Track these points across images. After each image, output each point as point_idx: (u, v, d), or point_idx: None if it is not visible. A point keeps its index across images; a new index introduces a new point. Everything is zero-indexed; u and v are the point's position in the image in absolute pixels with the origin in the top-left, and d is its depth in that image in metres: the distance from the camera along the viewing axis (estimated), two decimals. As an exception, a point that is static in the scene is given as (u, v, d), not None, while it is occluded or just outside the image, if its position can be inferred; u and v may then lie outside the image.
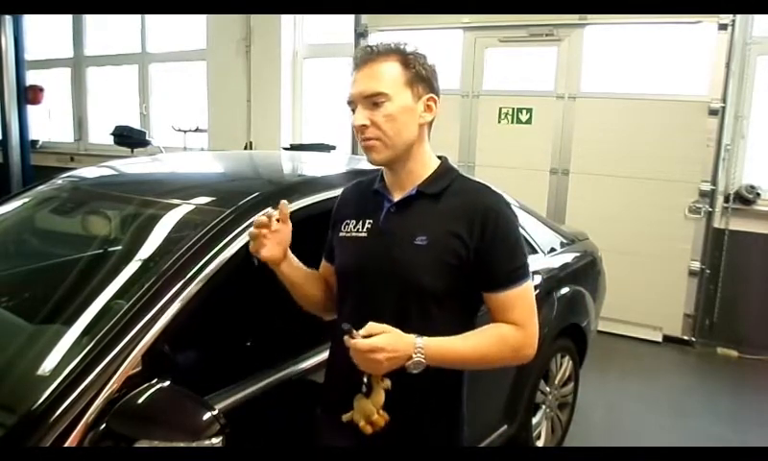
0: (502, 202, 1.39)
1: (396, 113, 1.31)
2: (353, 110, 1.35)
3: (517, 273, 1.34)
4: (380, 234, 1.38)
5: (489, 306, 1.37)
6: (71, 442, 1.20)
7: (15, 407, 1.27)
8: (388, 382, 1.28)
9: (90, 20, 7.07)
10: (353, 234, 1.42)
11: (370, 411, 1.30)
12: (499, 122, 4.73)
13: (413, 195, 1.38)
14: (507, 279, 1.33)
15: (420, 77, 1.35)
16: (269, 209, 1.40)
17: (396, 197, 1.39)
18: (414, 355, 1.24)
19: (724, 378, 3.96)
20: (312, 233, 2.19)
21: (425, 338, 1.27)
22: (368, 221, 1.41)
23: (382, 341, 1.22)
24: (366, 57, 1.33)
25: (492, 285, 1.34)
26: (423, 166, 1.39)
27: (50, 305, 1.69)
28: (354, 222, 1.43)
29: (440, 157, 1.44)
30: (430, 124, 1.39)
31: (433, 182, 1.39)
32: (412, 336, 1.26)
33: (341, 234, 1.45)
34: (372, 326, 1.24)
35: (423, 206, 1.37)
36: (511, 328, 1.33)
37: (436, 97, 1.38)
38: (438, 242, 1.32)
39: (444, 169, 1.42)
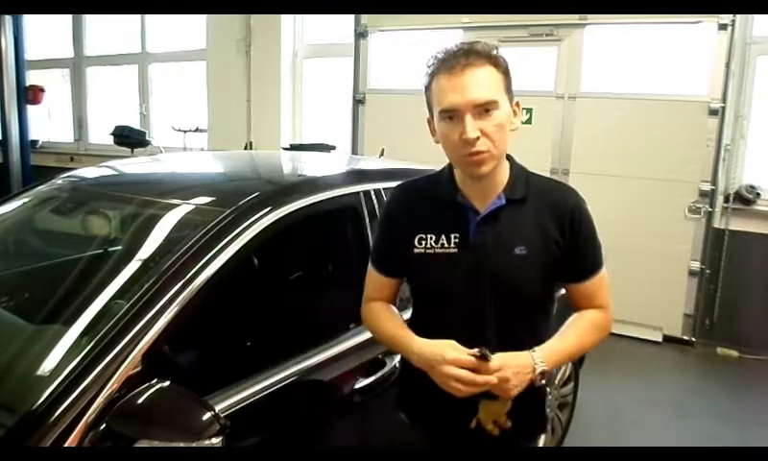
0: (581, 198, 1.40)
1: (503, 122, 1.27)
2: (449, 118, 1.25)
3: (600, 260, 1.41)
4: (473, 248, 1.32)
5: (573, 295, 1.42)
6: (71, 442, 1.20)
7: (15, 407, 1.27)
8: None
9: (90, 20, 7.07)
10: (438, 250, 1.34)
11: (498, 414, 1.31)
12: (499, 122, 4.73)
13: (503, 205, 1.33)
14: (592, 268, 1.39)
15: (510, 82, 1.31)
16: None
17: (480, 206, 1.34)
18: (536, 367, 1.26)
19: (724, 378, 3.96)
20: (312, 233, 2.20)
21: (539, 348, 1.29)
22: (453, 235, 1.33)
23: (503, 364, 1.23)
24: (462, 61, 1.23)
25: (580, 277, 1.39)
26: (504, 171, 1.36)
27: (50, 305, 1.68)
28: (434, 237, 1.34)
29: (506, 157, 1.38)
30: None
31: (515, 187, 1.36)
32: (525, 352, 1.27)
33: (418, 251, 1.35)
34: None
35: (512, 213, 1.34)
36: (597, 313, 1.40)
37: (519, 102, 1.34)
38: (537, 250, 1.32)
39: (518, 170, 1.39)
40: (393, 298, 1.49)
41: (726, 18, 4.05)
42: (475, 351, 1.23)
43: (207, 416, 1.22)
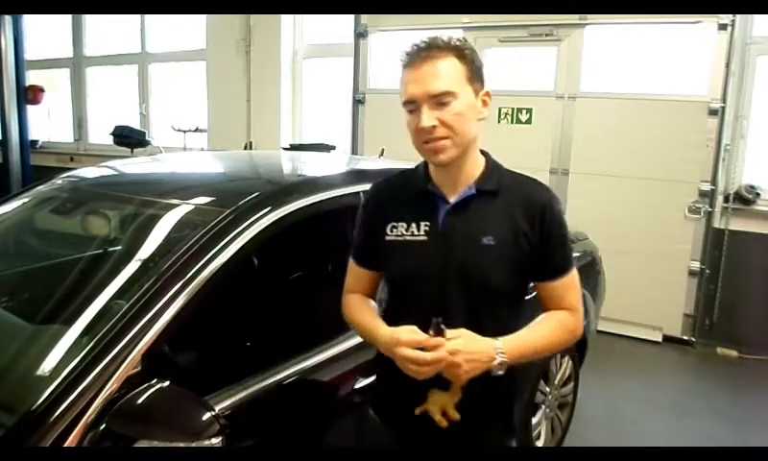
0: (553, 195, 1.40)
1: (463, 111, 1.28)
2: (411, 111, 1.29)
3: (570, 261, 1.41)
4: (442, 236, 1.34)
5: (543, 295, 1.42)
6: (71, 442, 1.20)
7: (15, 407, 1.27)
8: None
9: (90, 20, 7.07)
10: (408, 238, 1.35)
11: (446, 405, 1.31)
12: (499, 122, 4.72)
13: (473, 194, 1.35)
14: (562, 267, 1.38)
15: (477, 72, 1.33)
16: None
17: (451, 196, 1.35)
18: (497, 357, 1.26)
19: (724, 378, 3.96)
20: (312, 233, 2.19)
21: (502, 338, 1.29)
22: (423, 223, 1.35)
23: (458, 344, 1.23)
24: (423, 54, 1.27)
25: (549, 275, 1.38)
26: (475, 163, 1.38)
27: (50, 305, 1.69)
28: (405, 224, 1.36)
29: (482, 152, 1.41)
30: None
31: (488, 179, 1.37)
32: (489, 339, 1.28)
33: (389, 238, 1.37)
34: (447, 332, 1.24)
35: (483, 204, 1.35)
36: (566, 314, 1.39)
37: (490, 92, 1.35)
38: (505, 241, 1.32)
39: (493, 165, 1.41)
40: (371, 291, 1.50)
41: (726, 18, 4.05)
42: (431, 330, 1.24)
43: (207, 416, 1.22)
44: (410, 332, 1.26)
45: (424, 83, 1.26)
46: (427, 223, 1.35)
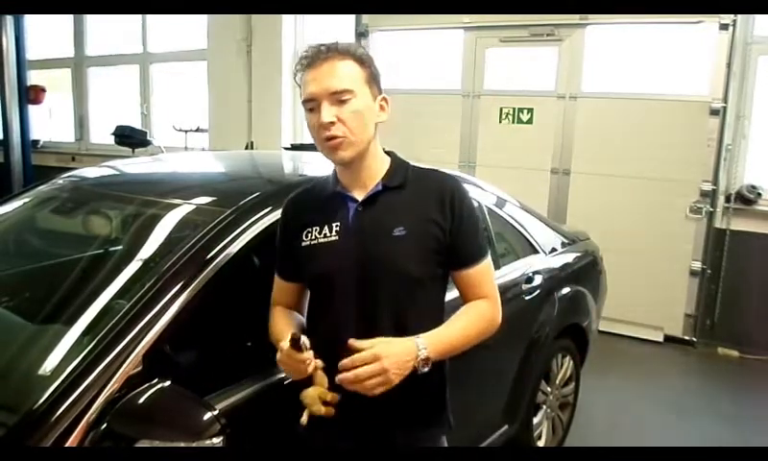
0: (460, 183, 1.44)
1: (361, 110, 1.32)
2: (311, 110, 1.32)
3: (483, 248, 1.43)
4: (353, 234, 1.36)
5: (459, 284, 1.43)
6: (72, 442, 1.20)
7: (17, 407, 1.27)
8: (320, 362, 1.28)
9: (91, 20, 7.07)
10: (321, 240, 1.37)
11: (321, 395, 1.30)
12: (500, 122, 4.72)
13: (379, 190, 1.38)
14: (476, 255, 1.41)
15: (375, 77, 1.37)
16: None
17: (359, 195, 1.38)
18: (419, 353, 1.27)
19: (725, 378, 3.96)
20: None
21: (423, 335, 1.29)
22: (334, 224, 1.37)
23: (377, 349, 1.23)
24: (322, 55, 1.31)
25: (463, 263, 1.40)
26: (379, 162, 1.41)
27: (51, 305, 1.69)
28: (318, 228, 1.38)
29: (387, 153, 1.45)
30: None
31: (393, 176, 1.40)
32: (409, 338, 1.28)
33: (304, 244, 1.39)
34: (360, 343, 1.24)
35: (390, 198, 1.38)
36: (484, 303, 1.41)
37: (387, 98, 1.40)
38: (416, 230, 1.35)
39: (399, 161, 1.44)
40: (295, 304, 1.49)
41: (727, 18, 4.05)
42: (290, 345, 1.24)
43: (208, 416, 1.22)
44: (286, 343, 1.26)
45: (324, 81, 1.30)
46: (338, 223, 1.37)
